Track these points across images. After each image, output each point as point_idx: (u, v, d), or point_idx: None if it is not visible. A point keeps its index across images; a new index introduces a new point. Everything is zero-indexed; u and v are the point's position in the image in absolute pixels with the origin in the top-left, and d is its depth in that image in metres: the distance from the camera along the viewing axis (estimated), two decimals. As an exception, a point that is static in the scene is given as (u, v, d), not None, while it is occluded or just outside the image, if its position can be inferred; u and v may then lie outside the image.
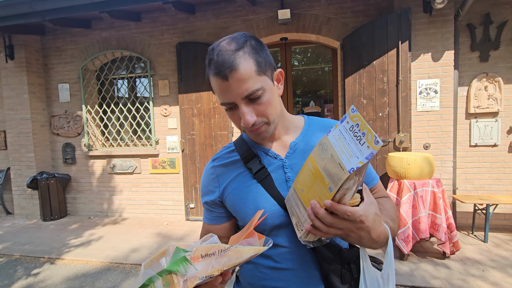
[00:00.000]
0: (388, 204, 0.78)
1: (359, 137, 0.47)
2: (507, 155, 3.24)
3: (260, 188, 0.71)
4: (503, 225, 3.31)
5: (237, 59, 0.60)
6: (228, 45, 0.62)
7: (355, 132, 0.48)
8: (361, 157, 0.45)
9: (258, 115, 0.65)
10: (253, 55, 0.62)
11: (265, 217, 0.68)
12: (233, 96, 0.62)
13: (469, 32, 3.21)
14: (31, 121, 4.32)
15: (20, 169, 4.43)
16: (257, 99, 0.63)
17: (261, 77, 0.63)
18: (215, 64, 0.61)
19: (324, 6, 3.52)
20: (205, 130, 3.88)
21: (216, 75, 0.62)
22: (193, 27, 3.91)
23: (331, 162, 0.50)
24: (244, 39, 0.63)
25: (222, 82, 0.62)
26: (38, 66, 4.43)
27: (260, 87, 0.63)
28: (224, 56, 0.60)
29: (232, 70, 0.60)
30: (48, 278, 2.71)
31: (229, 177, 0.76)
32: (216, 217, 0.80)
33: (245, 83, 0.61)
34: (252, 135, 0.70)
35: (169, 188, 4.20)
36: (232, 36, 0.65)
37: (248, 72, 0.61)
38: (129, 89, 4.46)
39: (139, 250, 3.18)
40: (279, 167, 0.73)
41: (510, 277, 2.37)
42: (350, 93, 3.40)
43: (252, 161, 0.74)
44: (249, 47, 0.63)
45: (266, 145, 0.76)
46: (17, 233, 3.89)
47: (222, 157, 0.80)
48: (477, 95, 3.24)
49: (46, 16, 3.46)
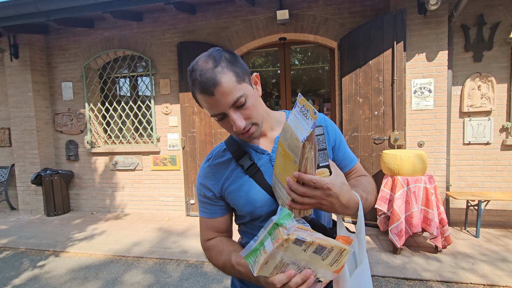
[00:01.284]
0: (365, 180, 0.88)
1: (305, 114, 0.58)
2: (500, 153, 3.32)
3: (252, 182, 0.80)
4: (495, 221, 3.39)
5: (217, 75, 0.67)
6: (206, 64, 0.68)
7: (303, 112, 0.59)
8: (308, 127, 0.56)
9: (246, 119, 0.73)
10: (230, 67, 0.69)
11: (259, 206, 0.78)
12: (221, 108, 0.70)
13: (463, 32, 3.29)
14: (35, 118, 4.41)
15: (24, 165, 4.53)
16: (242, 105, 0.71)
17: (241, 85, 0.71)
18: (199, 84, 0.68)
19: (322, 7, 3.59)
20: (205, 128, 3.97)
21: (202, 93, 0.69)
22: (194, 27, 4.00)
23: (292, 140, 0.60)
24: (219, 55, 0.70)
25: (209, 98, 0.69)
26: (42, 64, 4.52)
27: (243, 94, 0.70)
28: (205, 75, 0.67)
29: (216, 86, 0.67)
30: (53, 270, 2.81)
31: (225, 174, 0.84)
32: (218, 210, 0.87)
33: (230, 94, 0.68)
34: (244, 137, 0.77)
35: (170, 184, 4.29)
36: (206, 54, 0.71)
37: (229, 84, 0.68)
38: (131, 88, 4.55)
39: (141, 244, 3.28)
40: (267, 161, 0.82)
41: (499, 270, 2.46)
42: (346, 92, 3.48)
43: (243, 158, 0.82)
44: (225, 62, 0.69)
45: (254, 143, 0.85)
46: (22, 227, 3.99)
47: (216, 156, 0.88)
48: (471, 94, 3.31)
49: (50, 16, 3.55)
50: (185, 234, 3.53)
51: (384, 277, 2.44)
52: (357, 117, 3.44)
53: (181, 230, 3.66)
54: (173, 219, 4.09)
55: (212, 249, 0.85)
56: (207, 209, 0.88)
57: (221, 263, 0.81)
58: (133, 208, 4.47)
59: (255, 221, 0.83)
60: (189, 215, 4.17)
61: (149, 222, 3.98)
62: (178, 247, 3.16)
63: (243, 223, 0.88)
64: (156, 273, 2.68)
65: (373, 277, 2.45)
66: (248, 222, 0.86)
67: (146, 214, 4.37)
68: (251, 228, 0.86)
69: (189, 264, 2.82)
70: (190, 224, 3.84)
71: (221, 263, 0.81)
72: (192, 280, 2.55)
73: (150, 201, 4.39)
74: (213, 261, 0.85)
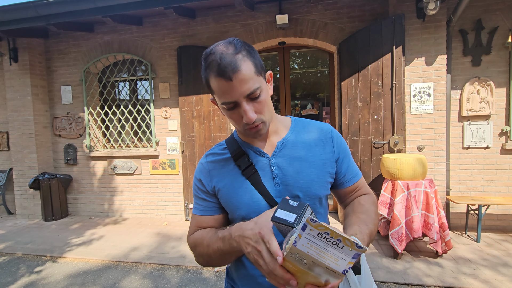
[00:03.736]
0: (368, 203, 0.83)
1: (335, 243, 0.49)
2: (499, 157, 3.32)
3: (248, 185, 0.77)
4: (495, 226, 3.38)
5: (238, 61, 0.65)
6: (226, 49, 0.66)
7: (327, 239, 0.49)
8: (348, 258, 0.48)
9: (257, 113, 0.71)
10: (250, 58, 0.68)
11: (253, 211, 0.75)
12: (235, 95, 0.67)
13: (462, 37, 3.31)
14: (34, 122, 4.40)
15: (22, 169, 4.51)
16: (256, 98, 0.69)
17: (259, 78, 0.69)
18: (218, 66, 0.65)
19: (321, 11, 3.61)
20: (205, 132, 3.96)
21: (219, 76, 0.66)
22: (194, 31, 4.01)
23: (316, 267, 0.51)
24: (240, 44, 0.69)
25: (226, 83, 0.66)
26: (42, 68, 4.52)
27: (259, 87, 0.69)
28: (226, 58, 0.65)
29: (235, 71, 0.65)
30: (50, 276, 2.77)
31: (221, 173, 0.81)
32: (210, 207, 0.83)
33: (247, 83, 0.66)
34: (251, 132, 0.74)
35: (169, 188, 4.27)
36: (226, 41, 0.69)
37: (249, 72, 0.66)
38: (130, 92, 4.55)
39: (139, 249, 3.25)
40: (266, 164, 0.79)
41: (500, 275, 2.44)
42: (346, 96, 3.49)
43: (241, 158, 0.80)
44: (245, 51, 0.68)
45: (255, 144, 0.82)
46: (19, 232, 3.95)
47: (215, 153, 0.85)
48: (470, 99, 3.32)
49: (50, 20, 3.56)
50: (184, 239, 3.49)
51: (385, 283, 2.42)
52: (356, 121, 3.44)
53: (180, 235, 3.63)
54: (172, 223, 4.06)
55: (196, 236, 0.80)
56: (200, 205, 0.85)
57: (206, 243, 0.75)
58: (132, 213, 4.44)
59: None
60: (188, 219, 4.14)
61: (147, 227, 3.95)
62: (177, 252, 3.13)
63: None
64: (154, 279, 2.64)
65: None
66: None
67: (145, 218, 4.33)
68: None
69: (188, 269, 2.79)
70: (189, 229, 3.81)
71: (205, 243, 0.75)
72: (191, 286, 2.52)
73: (149, 206, 4.36)
74: (198, 250, 0.78)
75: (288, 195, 0.76)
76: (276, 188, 0.77)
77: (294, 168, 0.79)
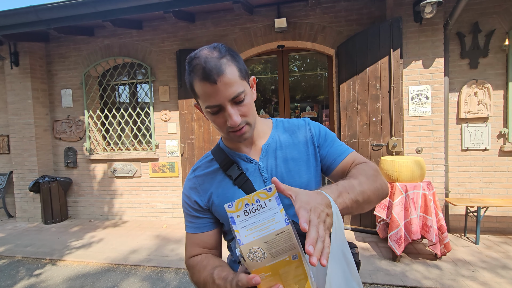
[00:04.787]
0: (356, 169, 0.78)
1: (258, 206, 0.49)
2: (498, 159, 3.33)
3: (242, 193, 0.77)
4: (495, 228, 3.38)
5: (223, 65, 0.66)
6: (211, 53, 0.67)
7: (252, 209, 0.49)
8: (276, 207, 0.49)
9: (242, 116, 0.71)
10: (234, 62, 0.69)
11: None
12: (220, 99, 0.68)
13: (459, 40, 3.33)
14: (34, 125, 4.42)
15: (23, 172, 4.52)
16: (241, 101, 0.70)
17: (243, 82, 0.71)
18: (202, 70, 0.66)
19: (319, 15, 3.64)
20: (204, 134, 3.98)
21: (204, 80, 0.66)
22: (193, 35, 4.04)
23: (274, 248, 0.50)
24: (224, 48, 0.70)
25: (211, 86, 0.66)
26: (42, 72, 4.55)
27: (243, 90, 0.70)
28: (211, 62, 0.66)
29: (220, 75, 0.66)
30: (50, 279, 2.77)
31: (212, 186, 0.81)
32: (204, 224, 0.82)
33: (232, 87, 0.67)
34: (235, 136, 0.74)
35: (168, 191, 4.28)
36: (211, 46, 0.70)
37: (233, 76, 0.68)
38: (130, 95, 4.58)
39: (139, 251, 3.25)
40: (255, 170, 0.80)
41: (499, 277, 2.44)
42: (344, 98, 3.51)
43: (230, 168, 0.80)
44: (229, 56, 0.69)
45: (241, 151, 0.82)
46: (19, 235, 3.95)
47: (202, 166, 0.85)
48: (468, 101, 3.34)
49: (51, 25, 3.59)
50: (183, 241, 3.49)
51: (384, 285, 2.42)
52: (355, 124, 3.45)
53: (179, 237, 3.63)
54: (171, 226, 4.07)
55: (196, 265, 0.78)
56: (194, 223, 0.83)
57: (203, 279, 0.73)
58: (131, 216, 4.45)
59: None
60: (188, 222, 4.14)
61: (147, 230, 3.95)
62: (176, 255, 3.14)
63: (231, 239, 0.85)
64: (153, 282, 2.65)
65: (373, 285, 2.42)
66: None
67: (145, 221, 4.34)
68: None
69: (187, 272, 2.79)
70: (189, 232, 3.81)
71: (202, 279, 0.74)
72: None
73: (149, 208, 4.37)
74: (195, 279, 0.77)
75: (280, 196, 0.76)
76: None
77: (282, 168, 0.80)
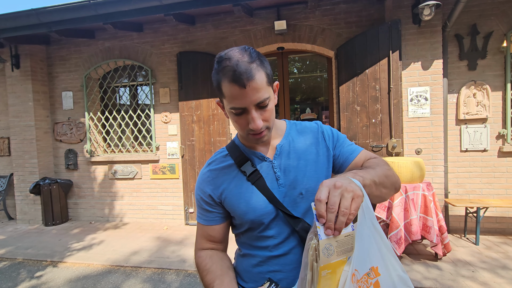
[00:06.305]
0: (369, 162, 0.82)
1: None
2: (497, 159, 3.34)
3: (254, 189, 0.80)
4: (494, 228, 3.39)
5: (253, 70, 0.68)
6: (242, 56, 0.69)
7: None
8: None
9: (264, 121, 0.74)
10: (263, 68, 0.71)
11: (261, 214, 0.79)
12: (246, 102, 0.70)
13: (457, 42, 3.35)
14: (35, 128, 4.43)
15: (23, 175, 4.53)
16: (265, 107, 0.73)
17: (269, 88, 0.73)
18: (233, 72, 0.67)
19: (319, 17, 3.67)
20: (205, 136, 3.99)
21: (233, 82, 0.68)
22: (193, 37, 4.06)
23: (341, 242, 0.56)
24: (254, 53, 0.71)
25: (239, 89, 0.68)
26: (43, 74, 4.57)
27: (269, 97, 0.72)
28: (241, 66, 0.67)
29: (250, 80, 0.67)
30: (51, 281, 2.78)
31: (225, 180, 0.84)
32: (214, 217, 0.86)
33: (259, 92, 0.69)
34: (254, 138, 0.77)
35: (169, 193, 4.29)
36: (241, 48, 0.71)
37: (261, 82, 0.70)
38: (131, 97, 4.59)
39: (139, 253, 3.25)
40: (269, 168, 0.83)
41: (499, 278, 2.45)
42: (344, 100, 3.53)
43: (245, 164, 0.83)
44: (259, 61, 0.71)
45: (257, 149, 0.85)
46: (19, 237, 3.96)
47: (217, 161, 0.88)
48: (466, 102, 3.36)
49: (52, 27, 3.61)
50: (184, 243, 3.50)
51: (384, 286, 2.43)
52: (355, 125, 3.47)
53: (180, 239, 3.64)
54: (172, 228, 4.07)
55: (202, 262, 0.85)
56: (204, 215, 0.88)
57: (205, 282, 0.81)
58: (132, 217, 4.45)
59: (254, 230, 0.82)
60: (188, 224, 4.15)
61: (148, 231, 3.96)
62: (177, 256, 3.14)
63: (241, 232, 0.87)
64: (154, 283, 2.65)
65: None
66: (246, 232, 0.85)
67: (145, 223, 4.34)
68: (250, 239, 0.85)
69: (188, 273, 2.80)
70: (189, 233, 3.82)
71: (204, 282, 0.82)
72: (191, 290, 2.53)
73: (149, 210, 4.37)
74: (200, 273, 0.85)
75: (291, 194, 0.80)
76: (281, 189, 0.81)
77: (294, 168, 0.82)
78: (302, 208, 0.80)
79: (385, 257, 0.62)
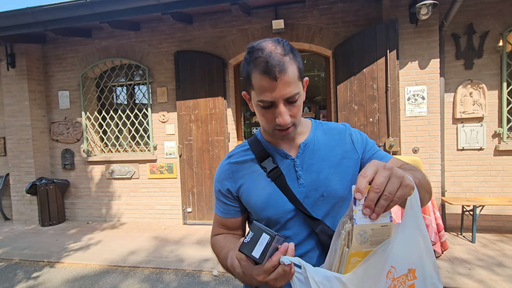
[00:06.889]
0: (405, 168, 0.78)
1: None
2: (493, 158, 3.37)
3: (274, 187, 0.78)
4: (490, 226, 3.42)
5: (286, 63, 0.66)
6: (275, 48, 0.67)
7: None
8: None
9: (291, 117, 0.71)
10: (295, 62, 0.69)
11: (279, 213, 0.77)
12: (276, 96, 0.67)
13: (454, 41, 3.37)
14: (31, 127, 4.40)
15: (19, 175, 4.49)
16: (294, 102, 0.70)
17: (299, 83, 0.71)
18: (265, 64, 0.65)
19: (316, 16, 3.67)
20: (202, 135, 3.99)
21: (265, 74, 0.66)
22: (191, 36, 4.05)
23: (376, 232, 0.54)
24: (288, 46, 0.69)
25: (270, 81, 0.66)
26: (39, 74, 4.53)
27: (298, 92, 0.70)
28: (275, 58, 0.65)
29: (282, 73, 0.65)
30: (48, 281, 2.76)
31: (245, 175, 0.81)
32: (231, 211, 0.85)
33: (290, 86, 0.67)
34: (280, 134, 0.74)
35: (166, 193, 4.28)
36: (275, 40, 0.69)
37: (293, 76, 0.67)
38: (128, 96, 4.57)
39: (137, 253, 3.24)
40: (290, 166, 0.80)
41: (495, 275, 2.47)
42: (342, 99, 3.53)
43: (266, 160, 0.80)
44: (292, 54, 0.68)
45: (279, 146, 0.83)
46: (16, 238, 3.93)
47: (237, 155, 0.85)
48: (463, 101, 3.38)
49: (48, 26, 3.58)
50: (181, 242, 3.50)
51: (382, 284, 2.44)
52: (352, 124, 3.48)
53: (177, 238, 3.63)
54: (169, 227, 4.06)
55: (216, 243, 0.86)
56: (221, 207, 0.87)
57: (221, 259, 0.81)
58: (130, 217, 4.44)
59: (270, 228, 0.80)
60: (186, 223, 4.14)
61: (145, 231, 3.95)
62: (175, 256, 3.14)
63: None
64: (152, 283, 2.65)
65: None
66: None
67: (143, 223, 4.33)
68: None
69: (186, 273, 2.80)
70: (187, 233, 3.81)
71: (220, 258, 0.81)
72: (189, 289, 2.52)
73: (147, 210, 4.36)
74: (215, 253, 0.85)
75: (312, 195, 0.78)
76: (301, 188, 0.78)
77: (317, 169, 0.80)
78: (323, 210, 0.78)
79: (424, 261, 0.59)
